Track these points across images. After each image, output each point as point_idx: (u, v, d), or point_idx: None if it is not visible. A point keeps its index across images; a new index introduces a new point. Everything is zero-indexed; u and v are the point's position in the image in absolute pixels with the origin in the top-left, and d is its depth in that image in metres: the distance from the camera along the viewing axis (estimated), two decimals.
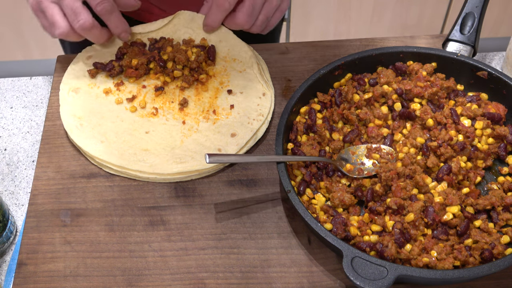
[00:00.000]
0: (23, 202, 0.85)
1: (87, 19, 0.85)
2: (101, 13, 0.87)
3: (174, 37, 0.95)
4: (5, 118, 0.94)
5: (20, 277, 0.75)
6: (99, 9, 0.86)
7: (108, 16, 0.88)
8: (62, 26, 0.85)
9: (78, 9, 0.84)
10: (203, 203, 0.81)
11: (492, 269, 0.67)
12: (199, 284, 0.74)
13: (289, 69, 0.96)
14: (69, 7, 0.84)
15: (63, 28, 0.85)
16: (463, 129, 0.81)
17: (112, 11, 0.87)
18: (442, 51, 0.88)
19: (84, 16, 0.85)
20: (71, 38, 0.87)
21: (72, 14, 0.84)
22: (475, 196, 0.78)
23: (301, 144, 0.82)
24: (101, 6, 0.86)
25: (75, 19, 0.85)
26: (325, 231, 0.70)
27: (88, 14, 0.85)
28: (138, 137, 0.85)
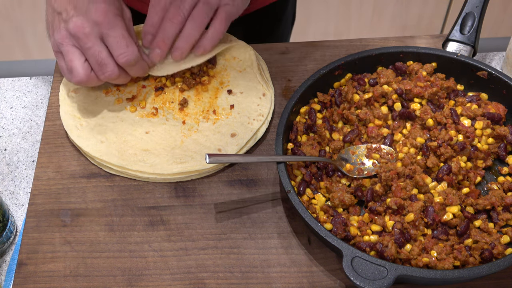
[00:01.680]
0: (23, 202, 0.85)
1: (113, 71, 0.81)
2: (124, 65, 0.82)
3: None
4: (5, 118, 0.94)
5: (20, 277, 0.75)
6: (122, 61, 0.81)
7: (131, 68, 0.83)
8: (81, 74, 0.80)
9: (104, 61, 0.80)
10: (203, 203, 0.81)
11: (492, 269, 0.67)
12: (199, 284, 0.74)
13: (289, 69, 0.96)
14: (95, 58, 0.80)
15: (81, 77, 0.80)
16: (463, 129, 0.81)
17: (135, 63, 0.83)
18: (442, 51, 0.88)
19: (110, 68, 0.81)
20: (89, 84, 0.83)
21: (97, 66, 0.80)
22: (475, 196, 0.78)
23: (301, 144, 0.82)
24: (124, 59, 0.81)
25: (100, 70, 0.80)
26: (325, 231, 0.70)
27: (113, 65, 0.81)
28: (138, 137, 0.85)
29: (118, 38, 0.80)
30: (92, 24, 0.79)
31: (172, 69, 0.88)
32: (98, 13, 0.79)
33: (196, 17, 0.84)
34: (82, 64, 0.80)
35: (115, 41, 0.80)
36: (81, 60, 0.80)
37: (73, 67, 0.80)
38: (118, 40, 0.80)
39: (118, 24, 0.80)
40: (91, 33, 0.79)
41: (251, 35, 1.14)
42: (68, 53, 0.80)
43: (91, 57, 0.80)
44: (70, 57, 0.80)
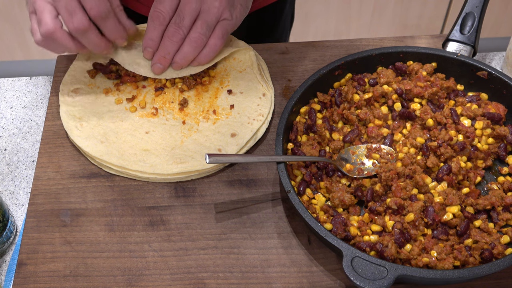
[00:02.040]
0: (23, 202, 0.85)
1: (82, 20, 0.79)
2: (95, 18, 0.81)
3: None
4: (5, 118, 0.94)
5: (20, 277, 0.75)
6: (93, 13, 0.80)
7: (103, 22, 0.82)
8: (48, 23, 0.79)
9: (73, 9, 0.79)
10: (203, 203, 0.81)
11: (492, 269, 0.67)
12: (199, 284, 0.74)
13: (289, 69, 0.96)
14: (64, 7, 0.79)
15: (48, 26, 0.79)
16: (463, 129, 0.81)
17: (107, 16, 0.82)
18: (442, 51, 0.88)
19: (79, 16, 0.79)
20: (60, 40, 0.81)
21: (67, 15, 0.79)
22: (475, 196, 0.78)
23: (301, 144, 0.82)
24: (95, 10, 0.80)
25: (69, 19, 0.79)
26: (325, 231, 0.70)
27: (83, 15, 0.79)
28: (138, 137, 0.85)
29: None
30: None
31: (171, 75, 0.89)
32: None
33: (193, 38, 0.85)
34: (52, 16, 0.80)
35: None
36: (52, 13, 0.80)
37: (42, 18, 0.79)
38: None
39: None
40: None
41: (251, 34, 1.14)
42: (40, 7, 0.80)
43: (61, 8, 0.79)
44: (41, 9, 0.80)
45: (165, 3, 0.84)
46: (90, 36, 0.82)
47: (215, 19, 0.85)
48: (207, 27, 0.84)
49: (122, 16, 0.86)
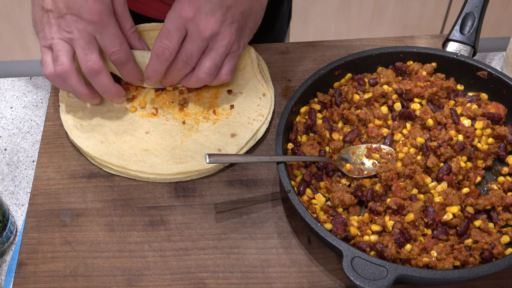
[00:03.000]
0: (23, 202, 0.85)
1: (96, 61, 0.80)
2: (116, 62, 0.83)
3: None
4: (5, 118, 0.94)
5: (20, 277, 0.75)
6: (113, 58, 0.82)
7: (123, 67, 0.84)
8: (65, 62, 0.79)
9: (90, 50, 0.80)
10: (203, 203, 0.81)
11: (492, 269, 0.67)
12: (199, 284, 0.74)
13: (289, 69, 0.96)
14: (81, 47, 0.80)
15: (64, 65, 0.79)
16: (463, 129, 0.81)
17: (127, 61, 0.83)
18: (442, 51, 0.88)
19: (94, 57, 0.80)
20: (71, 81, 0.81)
21: (83, 54, 0.80)
22: (475, 196, 0.78)
23: (301, 144, 0.82)
24: (115, 56, 0.82)
25: (84, 58, 0.80)
26: (325, 231, 0.70)
27: (98, 56, 0.80)
28: (138, 137, 0.85)
29: (112, 37, 0.81)
30: (86, 23, 0.79)
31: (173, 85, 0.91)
32: (93, 13, 0.79)
33: (200, 78, 0.83)
34: (69, 55, 0.80)
35: (109, 39, 0.81)
36: (70, 53, 0.80)
37: (59, 56, 0.80)
38: (111, 38, 0.81)
39: (111, 23, 0.81)
40: (84, 30, 0.80)
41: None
42: (58, 45, 0.80)
43: (78, 47, 0.80)
44: (59, 47, 0.80)
45: (172, 39, 0.80)
46: (103, 79, 0.82)
47: (223, 57, 0.83)
48: (215, 68, 0.83)
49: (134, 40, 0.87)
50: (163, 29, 0.81)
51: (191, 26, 0.80)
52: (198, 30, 0.80)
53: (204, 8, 0.80)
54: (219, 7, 0.80)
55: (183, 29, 0.81)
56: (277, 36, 1.24)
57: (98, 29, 0.80)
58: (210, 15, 0.80)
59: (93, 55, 0.80)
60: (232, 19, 0.82)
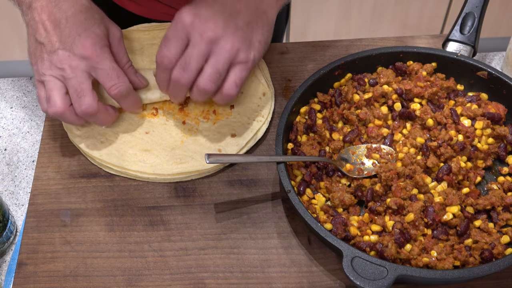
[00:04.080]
0: (23, 202, 0.85)
1: (91, 104, 0.77)
2: (116, 97, 0.80)
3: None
4: (5, 118, 0.94)
5: (20, 277, 0.75)
6: (113, 93, 0.79)
7: (124, 100, 0.81)
8: (58, 104, 0.77)
9: (83, 92, 0.77)
10: (203, 203, 0.81)
11: (492, 269, 0.67)
12: (199, 284, 0.74)
13: (289, 69, 0.96)
14: (74, 88, 0.77)
15: (58, 107, 0.77)
16: (463, 129, 0.81)
17: (127, 94, 0.81)
18: (442, 51, 0.88)
19: (88, 101, 0.77)
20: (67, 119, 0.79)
21: (76, 97, 0.77)
22: (475, 196, 0.78)
23: (301, 144, 0.82)
24: (116, 91, 0.79)
25: (78, 102, 0.77)
26: (325, 231, 0.70)
27: (93, 99, 0.78)
28: (138, 137, 0.85)
29: (108, 70, 0.78)
30: (79, 59, 0.77)
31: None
32: (86, 47, 0.77)
33: (201, 86, 0.78)
34: (61, 95, 0.77)
35: (105, 73, 0.78)
36: (62, 91, 0.77)
37: (51, 96, 0.77)
38: (108, 72, 0.78)
39: (106, 57, 0.78)
40: (78, 67, 0.77)
41: None
42: (49, 83, 0.77)
43: (71, 87, 0.77)
44: (51, 86, 0.77)
45: (170, 47, 0.77)
46: (99, 118, 0.81)
47: (226, 63, 0.77)
48: (217, 74, 0.77)
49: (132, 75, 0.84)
50: (164, 37, 0.79)
51: (191, 31, 0.77)
52: (199, 33, 0.77)
53: (205, 14, 0.77)
54: (221, 14, 0.78)
55: (183, 35, 0.77)
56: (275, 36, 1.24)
57: (92, 65, 0.77)
58: (211, 20, 0.77)
59: (86, 98, 0.77)
60: (235, 26, 0.78)
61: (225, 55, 0.76)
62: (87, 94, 0.77)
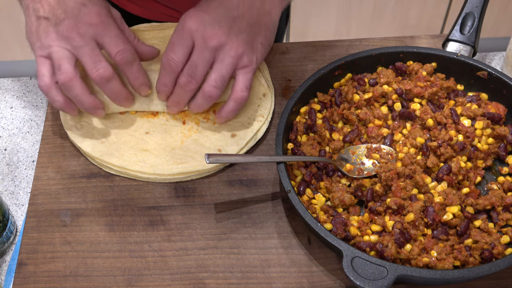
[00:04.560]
0: (23, 202, 0.85)
1: (107, 68, 0.77)
2: (121, 63, 0.79)
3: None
4: (5, 118, 0.94)
5: (20, 277, 0.75)
6: (119, 58, 0.78)
7: (129, 67, 0.80)
8: (69, 70, 0.76)
9: (98, 57, 0.77)
10: (203, 203, 0.81)
11: (492, 269, 0.67)
12: (199, 284, 0.74)
13: (289, 69, 0.96)
14: (87, 54, 0.77)
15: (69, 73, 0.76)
16: (463, 129, 0.81)
17: (133, 61, 0.80)
18: (442, 51, 0.88)
19: (104, 64, 0.77)
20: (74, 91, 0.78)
21: (91, 62, 0.77)
22: (475, 196, 0.78)
23: (301, 144, 0.82)
24: (121, 55, 0.78)
25: (94, 66, 0.77)
26: (325, 231, 0.70)
27: (108, 63, 0.78)
28: (138, 137, 0.85)
29: (114, 38, 0.79)
30: (86, 26, 0.77)
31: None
32: (91, 15, 0.78)
33: (206, 91, 0.80)
34: (72, 63, 0.77)
35: (111, 40, 0.79)
36: (72, 60, 0.77)
37: (62, 64, 0.77)
38: (114, 39, 0.79)
39: (112, 24, 0.80)
40: (85, 34, 0.77)
41: None
42: (58, 53, 0.77)
43: (84, 55, 0.77)
44: (60, 56, 0.77)
45: (176, 51, 0.79)
46: (114, 84, 0.80)
47: (231, 69, 0.79)
48: (221, 80, 0.79)
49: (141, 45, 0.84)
50: (169, 42, 0.80)
51: (196, 36, 0.78)
52: (204, 39, 0.78)
53: (209, 19, 0.78)
54: (225, 18, 0.79)
55: (188, 40, 0.79)
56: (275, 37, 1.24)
57: (99, 31, 0.78)
58: (215, 25, 0.78)
59: (102, 62, 0.78)
60: (239, 30, 0.79)
61: (229, 61, 0.79)
62: (102, 58, 0.78)
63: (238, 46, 0.79)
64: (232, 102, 0.82)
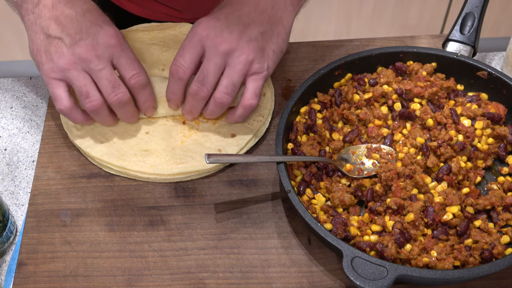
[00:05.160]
0: (23, 202, 0.85)
1: (126, 92, 0.78)
2: (135, 86, 0.80)
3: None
4: (5, 118, 0.94)
5: (20, 277, 0.75)
6: (133, 82, 0.79)
7: (142, 91, 0.81)
8: (97, 98, 0.77)
9: (116, 81, 0.78)
10: (203, 203, 0.81)
11: (492, 269, 0.67)
12: (199, 284, 0.74)
13: (289, 69, 0.96)
14: (106, 79, 0.77)
15: (98, 101, 0.78)
16: (463, 129, 0.81)
17: (146, 85, 0.81)
18: (442, 51, 0.88)
19: (123, 89, 0.78)
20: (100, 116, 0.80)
21: (111, 87, 0.77)
22: (475, 196, 0.78)
23: (301, 144, 0.82)
24: (136, 79, 0.79)
25: (113, 91, 0.78)
26: (325, 231, 0.70)
27: (125, 88, 0.79)
28: (138, 137, 0.85)
29: (130, 60, 0.79)
30: (103, 48, 0.77)
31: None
32: (109, 37, 0.77)
33: (217, 98, 0.80)
34: (95, 88, 0.78)
35: (127, 62, 0.79)
36: (94, 85, 0.78)
37: (89, 91, 0.77)
38: (130, 61, 0.79)
39: (128, 46, 0.80)
40: (103, 55, 0.77)
41: None
42: (79, 78, 0.77)
43: (102, 79, 0.77)
44: (83, 82, 0.77)
45: (185, 56, 0.79)
46: (130, 107, 0.81)
47: (242, 75, 0.79)
48: (232, 87, 0.79)
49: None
50: (179, 48, 0.80)
51: (207, 42, 0.78)
52: (214, 45, 0.77)
53: (220, 26, 0.78)
54: (236, 25, 0.78)
55: (198, 46, 0.78)
56: None
57: (116, 53, 0.78)
58: (226, 32, 0.78)
59: (121, 87, 0.78)
60: (250, 37, 0.79)
61: (240, 68, 0.78)
62: (120, 83, 0.78)
63: (249, 53, 0.78)
64: (241, 109, 0.81)
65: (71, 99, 0.79)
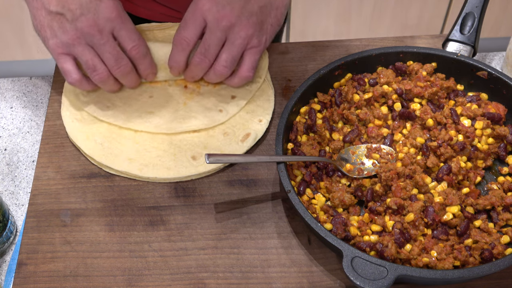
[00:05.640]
0: (23, 202, 0.85)
1: (128, 63, 0.83)
2: (136, 57, 0.84)
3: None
4: (5, 118, 0.94)
5: (20, 277, 0.75)
6: (134, 53, 0.83)
7: (142, 60, 0.85)
8: (104, 71, 0.82)
9: (119, 54, 0.82)
10: (203, 203, 0.81)
11: (492, 269, 0.67)
12: (199, 284, 0.74)
13: (289, 69, 0.96)
14: (110, 52, 0.81)
15: (105, 73, 0.82)
16: (463, 129, 0.81)
17: (146, 54, 0.85)
18: (442, 51, 0.88)
19: (126, 61, 0.83)
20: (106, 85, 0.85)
21: (114, 60, 0.82)
22: (475, 196, 0.78)
23: (301, 144, 0.82)
24: (136, 50, 0.83)
25: (117, 64, 0.82)
26: (325, 231, 0.70)
27: (128, 60, 0.83)
28: (143, 100, 0.89)
29: (130, 31, 0.82)
30: (104, 21, 0.79)
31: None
32: (109, 10, 0.79)
33: (218, 70, 0.85)
34: (101, 60, 0.81)
35: (127, 34, 0.82)
36: (99, 58, 0.81)
37: (95, 64, 0.81)
38: (130, 33, 0.82)
39: (128, 18, 0.82)
40: (104, 29, 0.80)
41: None
42: (85, 52, 0.80)
43: (106, 52, 0.81)
44: (89, 56, 0.81)
45: (189, 29, 0.83)
46: (132, 76, 0.86)
47: (241, 49, 0.84)
48: (232, 60, 0.84)
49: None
50: (182, 21, 0.84)
51: (209, 16, 0.81)
52: (215, 20, 0.81)
53: (221, 0, 0.81)
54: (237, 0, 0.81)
55: (200, 19, 0.82)
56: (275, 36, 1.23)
57: (117, 25, 0.80)
58: (227, 7, 0.81)
59: (123, 59, 0.82)
60: (250, 12, 0.82)
61: (239, 42, 0.83)
62: (123, 55, 0.82)
63: (249, 28, 0.82)
64: (237, 79, 0.87)
65: (80, 72, 0.83)
